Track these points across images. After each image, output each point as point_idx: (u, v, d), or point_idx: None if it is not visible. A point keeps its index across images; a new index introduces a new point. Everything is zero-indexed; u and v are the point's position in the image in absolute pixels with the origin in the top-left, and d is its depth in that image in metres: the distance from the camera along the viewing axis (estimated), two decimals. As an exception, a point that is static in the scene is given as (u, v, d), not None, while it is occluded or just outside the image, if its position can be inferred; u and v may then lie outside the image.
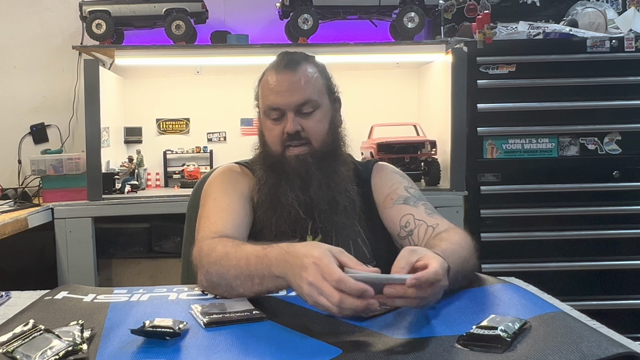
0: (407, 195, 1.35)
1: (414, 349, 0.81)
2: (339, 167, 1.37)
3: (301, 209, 1.32)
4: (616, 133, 2.61)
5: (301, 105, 1.32)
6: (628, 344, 0.81)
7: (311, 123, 1.33)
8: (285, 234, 1.31)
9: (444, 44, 2.69)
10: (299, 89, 1.32)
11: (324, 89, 1.38)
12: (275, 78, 1.34)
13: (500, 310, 0.94)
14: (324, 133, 1.35)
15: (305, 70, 1.35)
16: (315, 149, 1.33)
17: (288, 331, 0.90)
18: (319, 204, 1.32)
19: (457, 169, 2.58)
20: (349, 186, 1.36)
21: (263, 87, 1.37)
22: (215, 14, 2.98)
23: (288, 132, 1.31)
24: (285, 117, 1.32)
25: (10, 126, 3.05)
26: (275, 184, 1.33)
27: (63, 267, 2.50)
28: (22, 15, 3.04)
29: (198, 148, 3.09)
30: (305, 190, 1.32)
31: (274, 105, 1.33)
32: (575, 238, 2.60)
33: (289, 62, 1.35)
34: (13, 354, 0.79)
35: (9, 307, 1.10)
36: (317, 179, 1.32)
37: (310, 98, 1.33)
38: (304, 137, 1.32)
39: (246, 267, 1.06)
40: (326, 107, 1.37)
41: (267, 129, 1.36)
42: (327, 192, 1.33)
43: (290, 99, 1.31)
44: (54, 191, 2.56)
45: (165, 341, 0.86)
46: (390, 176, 1.42)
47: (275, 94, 1.32)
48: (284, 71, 1.34)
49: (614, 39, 2.57)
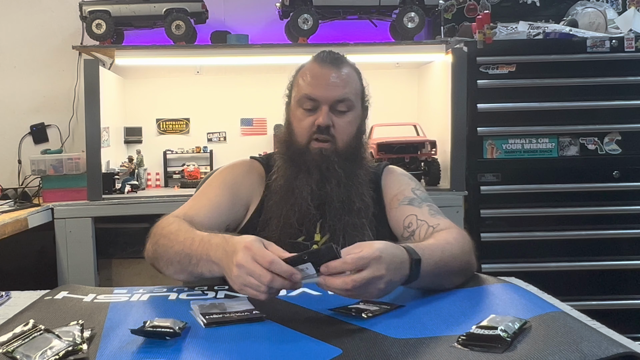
0: (413, 197, 1.36)
1: (414, 349, 0.81)
2: (359, 170, 1.38)
3: (313, 203, 1.32)
4: (616, 133, 2.61)
5: (338, 102, 1.33)
6: (628, 344, 0.81)
7: (342, 122, 1.34)
8: (292, 227, 1.32)
9: (444, 44, 2.69)
10: (339, 86, 1.34)
11: (359, 94, 1.40)
12: (318, 70, 1.35)
13: (500, 310, 0.94)
14: (351, 135, 1.36)
15: (349, 70, 1.38)
16: (339, 149, 1.34)
17: (288, 331, 0.90)
18: (333, 201, 1.33)
19: (457, 169, 2.58)
20: (365, 190, 1.37)
21: (302, 76, 1.37)
22: (215, 14, 2.98)
23: (319, 125, 1.32)
24: (318, 109, 1.33)
25: (10, 126, 3.05)
26: (293, 175, 1.34)
27: (63, 267, 2.50)
28: (22, 15, 3.04)
29: (198, 148, 3.09)
30: (322, 185, 1.33)
31: (311, 95, 1.33)
32: (575, 238, 2.60)
33: (333, 60, 1.37)
34: (13, 354, 0.79)
35: (9, 307, 1.10)
36: (336, 177, 1.33)
37: (348, 97, 1.35)
38: (331, 134, 1.33)
39: (189, 246, 1.11)
40: (358, 111, 1.39)
41: (297, 118, 1.36)
42: (344, 190, 1.33)
43: (330, 93, 1.33)
44: (54, 191, 2.56)
45: (165, 341, 0.86)
46: (399, 178, 1.44)
47: (314, 85, 1.34)
48: (329, 65, 1.35)
49: (614, 39, 2.57)
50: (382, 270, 0.94)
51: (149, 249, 1.22)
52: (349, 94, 1.35)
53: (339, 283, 0.92)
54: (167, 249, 1.16)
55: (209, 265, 1.07)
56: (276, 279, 0.92)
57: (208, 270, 1.08)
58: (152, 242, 1.21)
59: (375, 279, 0.93)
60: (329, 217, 1.33)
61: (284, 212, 1.32)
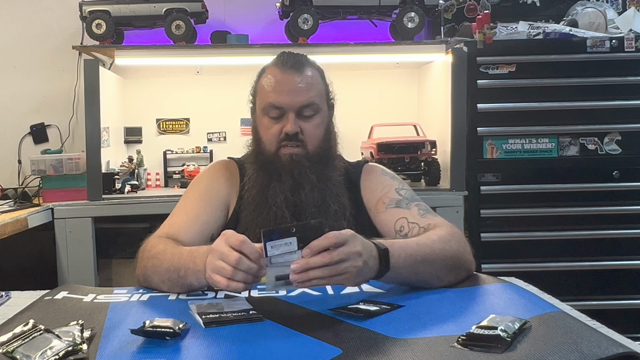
0: (399, 198, 1.34)
1: (414, 349, 0.81)
2: (331, 172, 1.36)
3: (289, 211, 1.31)
4: (616, 133, 2.61)
5: (303, 108, 1.31)
6: (628, 344, 0.81)
7: (310, 127, 1.33)
8: None
9: (444, 44, 2.69)
10: (303, 91, 1.31)
11: (324, 94, 1.38)
12: (280, 77, 1.32)
13: (500, 310, 0.94)
14: (320, 138, 1.35)
15: (310, 72, 1.35)
16: (309, 153, 1.33)
17: (288, 331, 0.90)
18: (308, 206, 1.31)
19: (457, 169, 2.58)
20: (340, 191, 1.35)
21: (264, 84, 1.35)
22: (215, 14, 2.98)
23: (287, 133, 1.30)
24: (284, 116, 1.31)
25: (10, 126, 3.05)
26: (266, 184, 1.33)
27: (63, 267, 2.50)
28: (22, 15, 3.04)
29: (198, 148, 3.09)
30: (295, 192, 1.31)
31: (276, 104, 1.31)
32: (575, 238, 2.60)
33: (295, 63, 1.34)
34: (13, 354, 0.79)
35: (9, 307, 1.10)
36: (309, 182, 1.31)
37: (313, 101, 1.32)
38: (300, 139, 1.31)
39: (178, 260, 1.11)
40: (325, 112, 1.37)
41: (264, 126, 1.34)
42: (318, 195, 1.32)
43: (295, 100, 1.31)
44: (54, 191, 2.56)
45: (165, 341, 0.86)
46: (380, 179, 1.40)
47: (278, 93, 1.31)
48: (290, 71, 1.32)
49: (614, 39, 2.57)
50: (358, 247, 0.97)
51: (139, 273, 1.21)
52: (314, 98, 1.33)
53: (317, 259, 0.93)
54: (156, 269, 1.16)
55: (195, 274, 1.08)
56: (243, 260, 0.94)
57: (195, 279, 1.08)
58: (141, 266, 1.21)
59: (353, 255, 0.96)
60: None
61: (258, 222, 1.30)
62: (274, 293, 1.11)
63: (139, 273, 1.21)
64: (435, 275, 1.11)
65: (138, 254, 1.23)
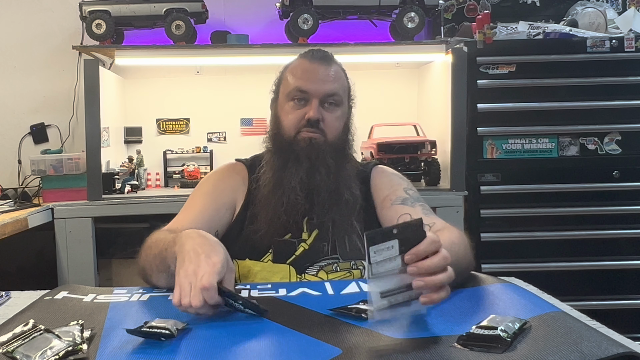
0: (406, 197, 1.37)
1: (414, 349, 0.81)
2: (346, 163, 1.39)
3: (302, 193, 1.32)
4: (616, 133, 2.61)
5: (328, 96, 1.35)
6: (628, 344, 0.81)
7: (331, 117, 1.36)
8: (279, 218, 1.32)
9: (444, 44, 2.69)
10: (330, 81, 1.36)
11: (347, 91, 1.43)
12: (309, 65, 1.38)
13: (500, 310, 0.94)
14: (340, 131, 1.38)
15: (337, 67, 1.41)
16: (328, 141, 1.35)
17: (288, 331, 0.90)
18: (321, 191, 1.33)
19: (457, 169, 2.58)
20: (353, 183, 1.38)
21: (292, 71, 1.39)
22: (215, 14, 2.98)
23: (310, 118, 1.33)
24: (308, 103, 1.35)
25: (10, 126, 3.05)
26: (282, 166, 1.35)
27: (63, 267, 2.50)
28: (22, 15, 3.04)
29: (198, 148, 3.09)
30: (311, 175, 1.33)
31: (303, 87, 1.35)
32: (575, 238, 2.60)
33: (323, 56, 1.40)
34: (13, 354, 0.79)
35: (9, 307, 1.10)
36: (326, 166, 1.34)
37: (338, 92, 1.37)
38: (321, 127, 1.34)
39: (163, 245, 1.11)
40: (346, 107, 1.41)
41: (286, 112, 1.37)
42: (332, 181, 1.34)
43: (321, 87, 1.35)
44: (54, 191, 2.56)
45: (166, 341, 0.85)
46: (390, 178, 1.44)
47: (306, 79, 1.35)
48: (318, 62, 1.38)
49: (614, 39, 2.57)
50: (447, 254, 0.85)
51: (139, 266, 1.22)
52: (339, 90, 1.37)
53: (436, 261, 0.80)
54: (148, 258, 1.17)
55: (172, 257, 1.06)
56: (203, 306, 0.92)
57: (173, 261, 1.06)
58: (140, 259, 1.21)
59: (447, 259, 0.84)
60: (317, 207, 1.34)
61: (272, 204, 1.33)
62: (274, 293, 1.11)
63: (139, 266, 1.22)
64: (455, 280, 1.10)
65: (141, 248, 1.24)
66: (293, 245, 1.33)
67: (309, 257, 1.33)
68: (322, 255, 1.33)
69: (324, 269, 1.32)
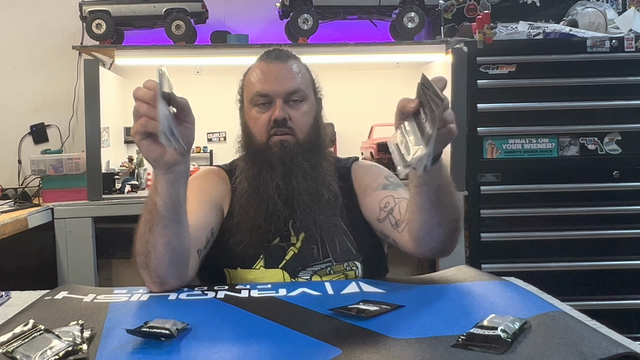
0: (387, 183, 1.35)
1: (414, 349, 0.81)
2: (322, 161, 1.36)
3: (281, 200, 1.30)
4: (616, 133, 2.61)
5: (290, 94, 1.33)
6: (628, 344, 0.81)
7: (298, 113, 1.34)
8: (261, 227, 1.29)
9: (444, 44, 2.69)
10: (289, 78, 1.34)
11: (310, 85, 1.40)
12: (266, 67, 1.36)
13: (500, 310, 0.94)
14: (309, 126, 1.35)
15: (295, 63, 1.38)
16: (300, 140, 1.33)
17: (288, 331, 0.90)
18: (300, 195, 1.30)
19: (457, 169, 2.58)
20: (331, 180, 1.35)
21: (251, 77, 1.38)
22: (215, 14, 2.98)
23: (276, 119, 1.31)
24: (272, 105, 1.33)
25: (10, 126, 3.05)
26: (257, 175, 1.32)
27: (63, 267, 2.49)
28: (22, 15, 3.04)
29: (198, 148, 3.09)
30: (287, 179, 1.31)
31: (263, 92, 1.33)
32: (575, 238, 2.60)
33: (279, 54, 1.38)
34: (13, 354, 0.79)
35: (9, 307, 1.10)
36: (301, 169, 1.31)
37: (300, 88, 1.34)
38: (289, 126, 1.32)
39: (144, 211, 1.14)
40: (312, 101, 1.38)
41: (252, 118, 1.36)
42: (310, 183, 1.31)
43: (281, 86, 1.32)
44: (54, 191, 2.56)
45: (166, 342, 0.85)
46: (369, 168, 1.44)
47: (264, 82, 1.33)
48: (274, 61, 1.36)
49: (614, 39, 2.57)
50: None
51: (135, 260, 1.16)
52: (301, 85, 1.35)
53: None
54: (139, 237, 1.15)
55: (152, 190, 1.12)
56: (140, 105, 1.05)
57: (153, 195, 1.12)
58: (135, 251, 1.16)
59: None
60: (299, 211, 1.31)
61: (251, 214, 1.30)
62: (274, 293, 1.11)
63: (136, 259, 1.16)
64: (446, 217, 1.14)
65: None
66: (283, 249, 1.31)
67: (300, 260, 1.31)
68: (313, 259, 1.31)
69: (317, 273, 1.30)
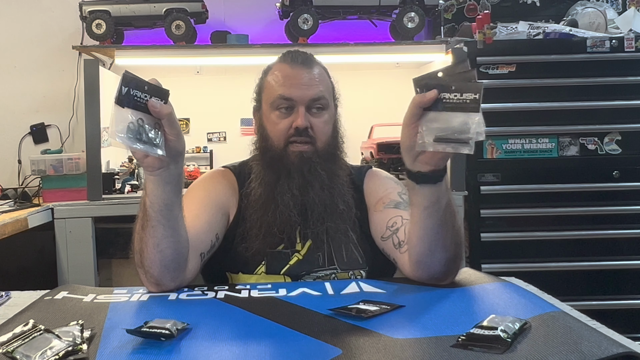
0: (400, 200, 1.31)
1: (414, 349, 0.81)
2: (338, 170, 1.35)
3: (295, 210, 1.28)
4: (616, 133, 2.61)
5: (314, 101, 1.30)
6: (628, 344, 0.81)
7: (320, 122, 1.31)
8: (273, 235, 1.28)
9: (444, 44, 2.69)
10: (314, 85, 1.31)
11: (331, 92, 1.37)
12: (289, 71, 1.32)
13: (500, 310, 0.94)
14: (329, 135, 1.33)
15: (320, 69, 1.35)
16: (318, 150, 1.31)
17: (288, 331, 0.90)
18: (316, 206, 1.28)
19: (457, 169, 2.58)
20: (347, 190, 1.34)
21: (273, 79, 1.33)
22: (215, 14, 2.98)
23: (298, 127, 1.28)
24: (294, 111, 1.29)
25: (10, 126, 3.05)
26: (273, 182, 1.30)
27: (63, 267, 2.50)
28: (22, 15, 3.04)
29: (198, 148, 3.09)
30: (304, 190, 1.28)
31: (286, 95, 1.29)
32: (575, 238, 2.60)
33: (304, 60, 1.34)
34: (13, 354, 0.79)
35: (9, 307, 1.10)
36: (319, 180, 1.29)
37: (323, 95, 1.32)
38: (310, 135, 1.29)
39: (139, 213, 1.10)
40: (332, 109, 1.36)
41: (272, 122, 1.32)
42: (327, 194, 1.29)
43: (306, 93, 1.29)
44: (54, 191, 2.56)
45: (166, 342, 0.85)
46: (384, 181, 1.40)
47: (289, 86, 1.30)
48: (299, 66, 1.32)
49: (614, 39, 2.57)
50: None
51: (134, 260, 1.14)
52: (324, 92, 1.32)
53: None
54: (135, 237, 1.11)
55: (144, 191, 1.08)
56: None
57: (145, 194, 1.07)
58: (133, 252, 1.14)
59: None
60: (312, 221, 1.29)
61: (265, 221, 1.28)
62: (274, 293, 1.11)
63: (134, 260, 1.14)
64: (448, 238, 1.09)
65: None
66: (287, 255, 1.30)
67: (303, 266, 1.29)
68: (317, 266, 1.30)
69: (321, 279, 1.29)
